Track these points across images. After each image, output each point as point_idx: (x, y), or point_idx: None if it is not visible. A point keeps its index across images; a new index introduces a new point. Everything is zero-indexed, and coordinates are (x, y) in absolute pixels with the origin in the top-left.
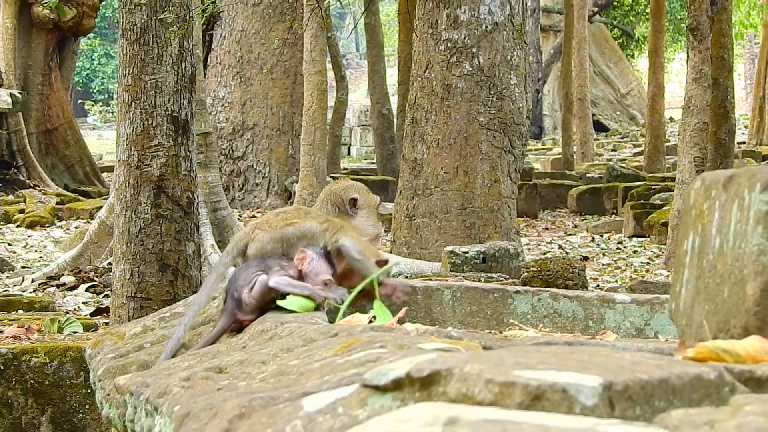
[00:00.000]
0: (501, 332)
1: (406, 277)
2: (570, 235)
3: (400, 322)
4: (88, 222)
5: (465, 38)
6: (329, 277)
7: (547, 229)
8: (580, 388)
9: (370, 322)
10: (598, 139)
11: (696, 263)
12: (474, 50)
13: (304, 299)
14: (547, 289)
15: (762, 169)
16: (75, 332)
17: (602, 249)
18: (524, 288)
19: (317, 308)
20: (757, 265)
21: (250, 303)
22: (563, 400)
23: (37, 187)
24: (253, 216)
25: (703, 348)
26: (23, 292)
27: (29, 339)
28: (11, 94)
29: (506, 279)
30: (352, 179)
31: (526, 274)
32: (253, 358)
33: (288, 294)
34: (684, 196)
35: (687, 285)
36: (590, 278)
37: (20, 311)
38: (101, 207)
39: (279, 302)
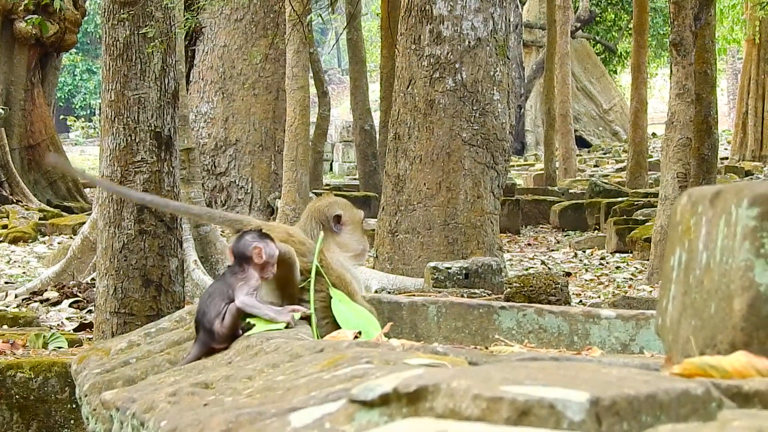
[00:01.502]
0: (486, 348)
1: (389, 292)
2: (553, 250)
3: (386, 337)
4: (71, 237)
5: (448, 54)
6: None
7: (529, 244)
8: (568, 404)
9: (356, 337)
10: (581, 155)
11: (683, 279)
12: (457, 66)
13: (268, 323)
14: (533, 304)
15: (749, 184)
16: (60, 347)
17: (585, 265)
18: (509, 303)
19: (287, 326)
20: (744, 280)
21: (222, 334)
22: (551, 416)
23: (20, 203)
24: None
25: (689, 363)
26: (7, 307)
27: (14, 354)
28: None
29: (489, 295)
30: (335, 195)
31: (509, 289)
32: (239, 374)
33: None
34: (671, 212)
35: (673, 301)
36: (573, 294)
37: (4, 326)
38: (84, 222)
39: (249, 333)
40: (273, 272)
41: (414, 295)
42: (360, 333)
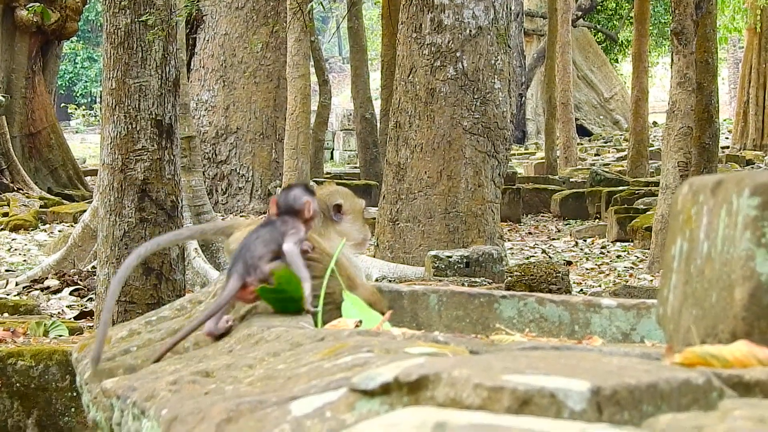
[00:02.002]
0: (487, 337)
1: (390, 281)
2: (553, 239)
3: (389, 325)
4: (72, 226)
5: (449, 42)
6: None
7: (530, 233)
8: (569, 393)
9: (357, 326)
10: (582, 144)
11: (684, 268)
12: (458, 54)
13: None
14: (533, 293)
15: (750, 174)
16: (60, 335)
17: (586, 253)
18: (510, 293)
19: (300, 310)
20: (745, 270)
21: (264, 272)
22: (551, 405)
23: (21, 191)
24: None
25: (690, 353)
26: (7, 295)
27: (15, 342)
28: None
29: (490, 284)
30: (336, 184)
31: (509, 278)
32: (239, 362)
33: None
34: (671, 202)
35: (675, 290)
36: (574, 283)
37: (5, 315)
38: (85, 210)
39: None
40: (313, 229)
41: (415, 284)
42: (361, 322)
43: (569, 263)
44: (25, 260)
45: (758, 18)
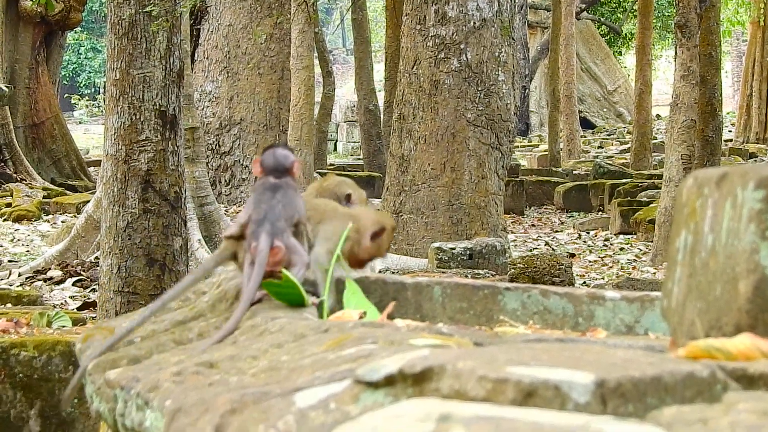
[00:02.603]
0: (491, 329)
1: (393, 272)
2: (557, 231)
3: (390, 317)
4: (75, 216)
5: (453, 34)
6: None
7: (533, 225)
8: (573, 385)
9: (360, 317)
10: (585, 136)
11: (688, 261)
12: (462, 46)
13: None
14: (537, 285)
15: (754, 167)
16: (64, 326)
17: (589, 246)
18: (514, 285)
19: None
20: (749, 263)
21: (288, 246)
22: (556, 397)
23: (24, 181)
24: (239, 212)
25: (695, 346)
26: (10, 285)
27: (18, 333)
28: None
29: (493, 275)
30: (339, 175)
31: (513, 270)
32: (243, 354)
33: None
34: (676, 194)
35: (679, 283)
36: (577, 275)
37: (8, 305)
38: (88, 201)
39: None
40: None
41: (419, 276)
42: (365, 313)
43: (572, 255)
44: (28, 251)
45: (762, 11)
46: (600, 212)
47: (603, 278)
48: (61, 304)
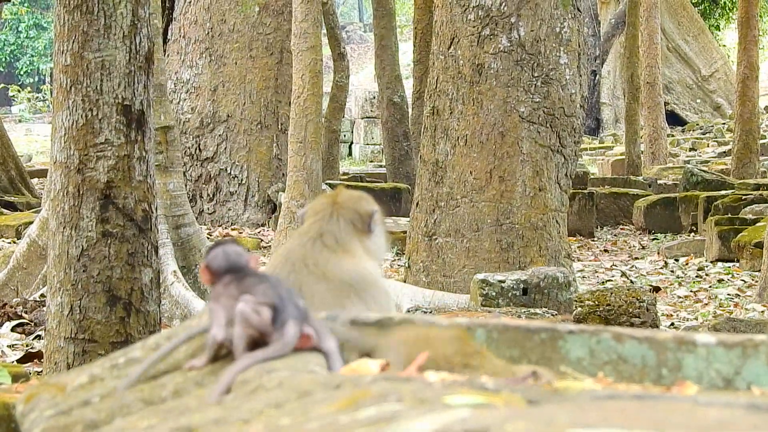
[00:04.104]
0: (550, 383)
1: (425, 312)
2: (636, 258)
3: (422, 370)
4: (14, 242)
5: (501, 5)
6: None
7: (606, 251)
8: None
9: (383, 369)
10: (673, 135)
11: None
12: (512, 20)
13: None
14: (609, 328)
15: None
16: (1, 384)
17: (678, 277)
18: (580, 327)
19: None
20: None
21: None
22: None
23: None
24: (227, 235)
25: None
26: None
27: None
28: None
29: (554, 315)
30: (353, 187)
31: (579, 309)
32: (232, 416)
33: None
34: None
35: None
36: (662, 314)
37: None
38: (31, 222)
39: None
40: None
41: (457, 316)
42: (388, 364)
43: (657, 289)
44: None
45: None
46: (692, 233)
47: (696, 318)
48: None
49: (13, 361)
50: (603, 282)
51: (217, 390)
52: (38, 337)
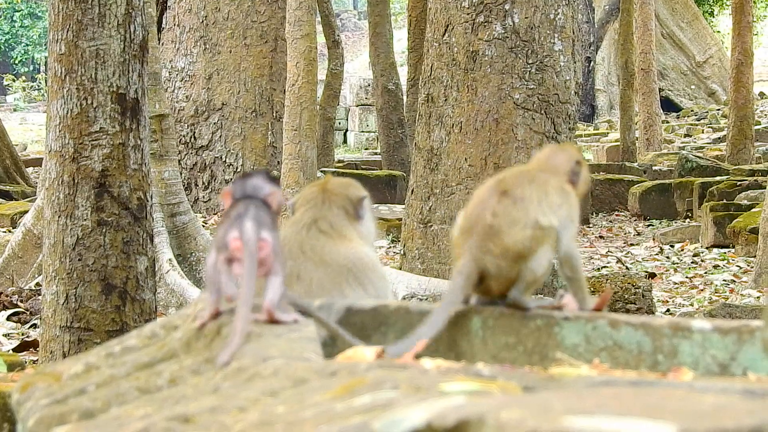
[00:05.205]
0: (545, 370)
1: (420, 299)
2: (632, 245)
3: (417, 357)
4: (10, 231)
5: None
6: None
7: (601, 237)
8: None
9: (379, 357)
10: (668, 122)
11: None
12: (507, 7)
13: None
14: (605, 314)
15: None
16: None
17: (673, 263)
18: (575, 314)
19: None
20: None
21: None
22: None
23: None
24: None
25: None
26: None
27: None
28: None
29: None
30: (348, 175)
31: None
32: (228, 404)
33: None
34: None
35: None
36: (658, 301)
37: None
38: (26, 212)
39: None
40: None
41: None
42: (384, 351)
43: (652, 276)
44: None
45: None
46: (687, 219)
47: (692, 304)
48: None
49: (8, 350)
50: (598, 268)
51: (227, 351)
52: (34, 326)
